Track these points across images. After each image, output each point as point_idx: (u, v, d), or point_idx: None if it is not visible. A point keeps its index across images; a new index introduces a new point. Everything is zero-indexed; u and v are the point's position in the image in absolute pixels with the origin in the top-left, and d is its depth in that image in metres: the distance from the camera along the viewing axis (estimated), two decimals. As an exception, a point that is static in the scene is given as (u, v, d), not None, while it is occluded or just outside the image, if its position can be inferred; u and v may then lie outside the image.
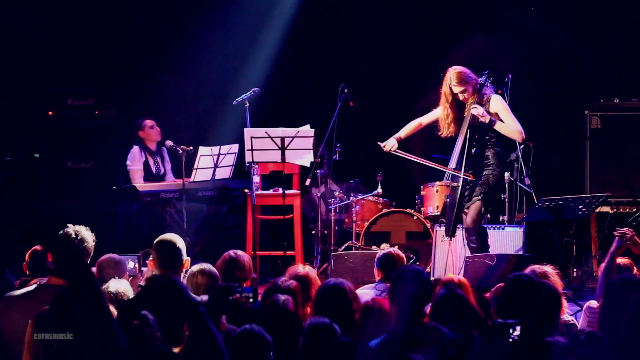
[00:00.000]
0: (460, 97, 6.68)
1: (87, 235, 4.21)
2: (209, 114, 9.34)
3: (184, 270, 4.53)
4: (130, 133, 8.79)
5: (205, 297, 3.20)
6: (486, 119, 6.55)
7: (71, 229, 4.25)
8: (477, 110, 6.53)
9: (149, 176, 8.22)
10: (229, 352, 3.30)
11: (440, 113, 6.86)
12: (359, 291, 4.88)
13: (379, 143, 7.10)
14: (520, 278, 3.97)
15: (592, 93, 8.75)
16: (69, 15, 9.21)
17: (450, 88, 6.68)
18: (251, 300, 3.06)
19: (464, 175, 6.59)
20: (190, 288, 4.43)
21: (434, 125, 7.07)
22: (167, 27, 9.31)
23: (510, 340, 3.28)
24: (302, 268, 4.85)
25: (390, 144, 6.99)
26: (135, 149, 8.20)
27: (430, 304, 3.86)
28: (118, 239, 8.39)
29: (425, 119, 7.04)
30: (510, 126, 6.63)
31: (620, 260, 5.15)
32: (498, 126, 6.61)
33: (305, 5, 9.34)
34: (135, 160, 8.16)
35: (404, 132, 7.08)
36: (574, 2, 9.05)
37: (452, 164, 6.73)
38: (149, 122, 8.23)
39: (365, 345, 3.54)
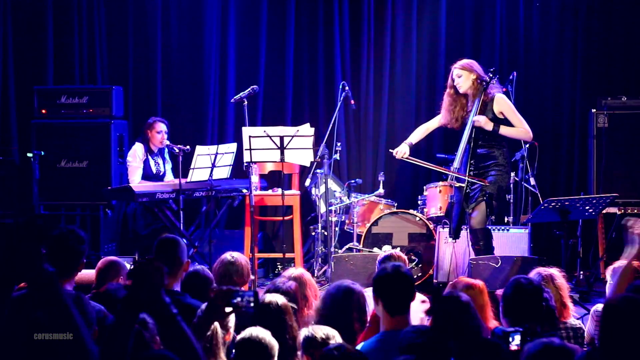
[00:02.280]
0: (456, 81, 6.68)
1: (79, 237, 4.19)
2: (207, 113, 9.33)
3: (184, 272, 4.53)
4: (124, 132, 8.78)
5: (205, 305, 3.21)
6: (489, 126, 6.55)
7: (63, 230, 4.23)
8: (479, 122, 6.53)
9: (147, 176, 8.21)
10: (234, 356, 3.29)
11: (443, 114, 6.86)
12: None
13: (390, 150, 7.11)
14: (520, 281, 3.96)
15: (599, 91, 8.75)
16: (63, 11, 9.20)
17: (452, 71, 6.72)
18: (252, 304, 3.05)
19: (477, 180, 6.57)
20: (186, 291, 4.43)
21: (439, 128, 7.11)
22: (163, 23, 9.30)
23: (511, 349, 3.26)
24: (295, 270, 4.86)
25: (402, 151, 6.98)
26: (139, 145, 8.18)
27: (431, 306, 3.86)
28: (113, 240, 8.39)
29: (431, 124, 7.03)
30: (516, 129, 6.61)
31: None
32: (503, 131, 6.60)
33: (306, 2, 9.34)
34: (136, 157, 8.15)
35: (414, 137, 7.07)
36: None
37: (457, 164, 6.72)
38: (158, 127, 8.19)
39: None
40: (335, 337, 3.51)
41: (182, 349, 2.71)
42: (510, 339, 3.28)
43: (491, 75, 6.64)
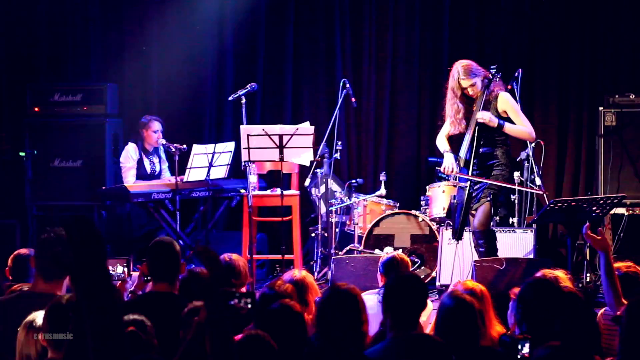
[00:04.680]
0: (470, 91, 6.66)
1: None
2: (204, 111, 9.33)
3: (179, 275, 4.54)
4: (119, 130, 8.80)
5: (199, 303, 3.21)
6: (494, 123, 6.55)
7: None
8: (484, 118, 6.53)
9: (142, 176, 8.22)
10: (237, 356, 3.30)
11: (449, 110, 6.85)
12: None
13: (437, 168, 6.92)
14: (541, 283, 3.92)
15: (606, 88, 8.75)
16: (56, 7, 9.20)
17: (459, 82, 6.67)
18: (250, 306, 3.06)
19: (491, 180, 6.55)
20: (183, 293, 4.44)
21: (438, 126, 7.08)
22: (159, 19, 9.30)
23: (519, 357, 3.25)
24: (297, 272, 4.86)
25: (450, 167, 6.68)
26: (131, 146, 8.19)
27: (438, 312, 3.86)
28: (107, 241, 8.40)
29: (446, 131, 6.95)
30: (520, 127, 6.62)
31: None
32: (507, 128, 6.60)
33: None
34: (129, 158, 8.15)
35: (447, 145, 6.88)
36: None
37: (460, 163, 6.72)
38: (153, 125, 8.20)
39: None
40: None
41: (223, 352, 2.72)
42: (520, 347, 3.27)
43: (493, 72, 6.64)
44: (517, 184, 6.65)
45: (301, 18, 9.35)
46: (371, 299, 4.97)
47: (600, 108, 8.36)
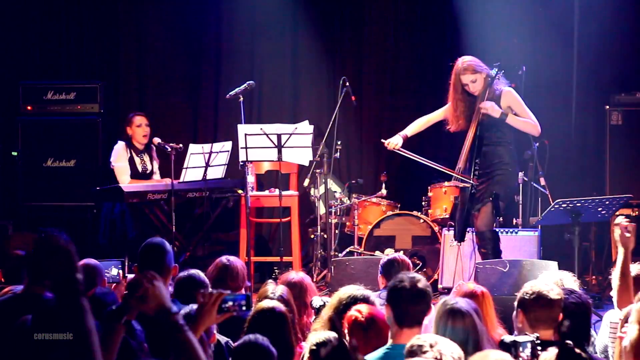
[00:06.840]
0: (470, 87, 6.65)
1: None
2: (200, 109, 9.32)
3: (172, 277, 4.52)
4: (115, 129, 8.78)
5: (195, 307, 3.19)
6: (497, 113, 6.53)
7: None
8: (485, 106, 6.52)
9: (134, 174, 8.21)
10: None
11: (448, 107, 6.84)
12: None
13: (382, 140, 7.05)
14: (540, 288, 3.92)
15: (612, 87, 8.74)
16: (49, 4, 9.19)
17: (459, 78, 6.67)
18: (244, 308, 3.06)
19: (467, 179, 6.53)
20: (179, 296, 4.42)
21: (442, 124, 7.06)
22: (155, 15, 9.30)
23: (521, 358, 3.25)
24: (295, 274, 4.85)
25: (394, 142, 6.90)
26: (120, 144, 8.16)
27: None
28: (101, 243, 8.38)
29: (433, 116, 7.01)
30: (524, 120, 6.62)
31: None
32: (510, 120, 6.59)
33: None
34: (119, 157, 8.12)
35: (410, 129, 7.01)
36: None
37: (461, 163, 6.71)
38: (136, 120, 8.19)
39: None
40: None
41: None
42: (521, 349, 3.26)
43: (496, 69, 6.63)
44: (455, 172, 6.60)
45: (300, 14, 9.34)
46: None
47: (606, 107, 8.35)
